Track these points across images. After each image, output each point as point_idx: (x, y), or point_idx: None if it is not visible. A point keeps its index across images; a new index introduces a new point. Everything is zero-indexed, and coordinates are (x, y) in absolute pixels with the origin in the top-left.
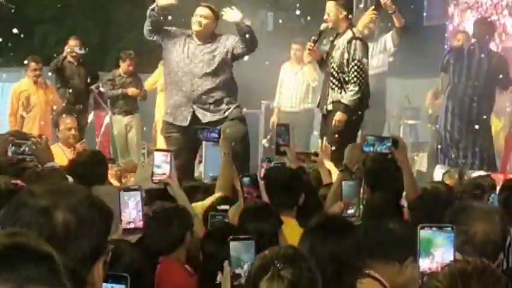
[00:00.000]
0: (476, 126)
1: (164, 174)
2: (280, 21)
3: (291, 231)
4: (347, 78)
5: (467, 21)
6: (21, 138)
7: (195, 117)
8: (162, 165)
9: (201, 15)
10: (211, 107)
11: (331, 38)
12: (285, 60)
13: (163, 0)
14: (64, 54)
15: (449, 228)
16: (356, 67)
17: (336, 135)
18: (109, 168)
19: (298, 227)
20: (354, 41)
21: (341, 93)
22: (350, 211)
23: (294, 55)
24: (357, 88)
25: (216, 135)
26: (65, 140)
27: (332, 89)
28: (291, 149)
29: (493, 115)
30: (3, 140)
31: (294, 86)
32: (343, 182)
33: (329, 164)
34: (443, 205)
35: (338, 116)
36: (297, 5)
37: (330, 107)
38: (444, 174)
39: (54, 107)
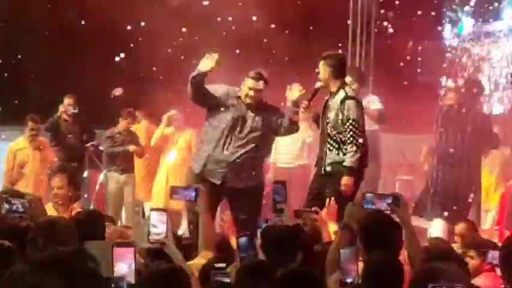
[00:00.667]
0: (460, 182)
1: (160, 233)
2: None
3: None
4: (343, 138)
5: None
6: (16, 196)
7: (225, 178)
8: (158, 225)
9: (250, 88)
10: (243, 174)
11: (326, 97)
12: None
13: (204, 66)
14: (59, 113)
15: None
16: (351, 126)
17: (342, 198)
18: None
19: None
20: (347, 101)
21: (338, 154)
22: (349, 279)
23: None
24: (355, 148)
25: (194, 194)
26: (52, 199)
27: (330, 150)
28: (288, 207)
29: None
30: None
31: (289, 143)
32: (340, 250)
33: (333, 225)
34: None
35: (345, 180)
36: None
37: (329, 168)
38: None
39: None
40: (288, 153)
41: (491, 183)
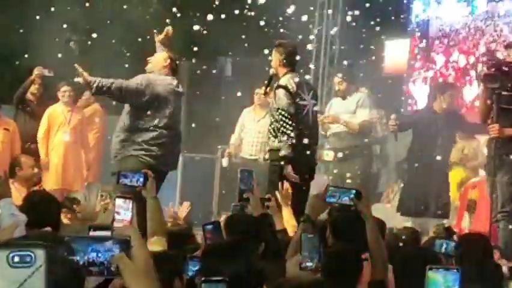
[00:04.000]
0: (434, 178)
1: (124, 220)
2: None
3: None
4: (278, 126)
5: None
6: None
7: None
8: (123, 212)
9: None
10: None
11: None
12: (243, 105)
13: None
14: (32, 77)
15: (455, 270)
16: (281, 116)
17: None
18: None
19: None
20: (277, 90)
21: (274, 141)
22: (309, 264)
23: (258, 101)
24: (285, 137)
25: (142, 179)
26: (29, 178)
27: (269, 137)
28: (255, 195)
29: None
30: None
31: (255, 133)
32: (303, 235)
33: (286, 212)
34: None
35: (286, 169)
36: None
37: (267, 156)
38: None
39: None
40: (253, 144)
41: (462, 176)
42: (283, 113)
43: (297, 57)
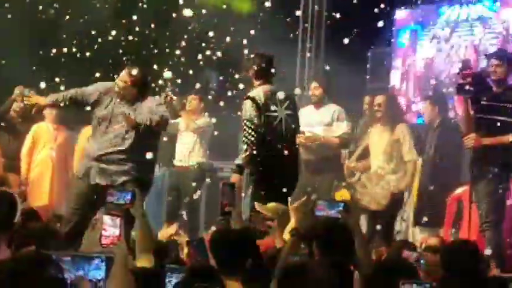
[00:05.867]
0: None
1: (112, 237)
2: None
3: None
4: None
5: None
6: None
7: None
8: (109, 229)
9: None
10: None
11: None
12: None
13: None
14: (13, 97)
15: (428, 285)
16: (244, 126)
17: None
18: None
19: None
20: (245, 101)
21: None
22: None
23: (189, 107)
24: (245, 146)
25: (130, 198)
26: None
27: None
28: (237, 209)
29: None
30: None
31: (186, 139)
32: (289, 258)
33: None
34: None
35: (232, 177)
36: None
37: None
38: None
39: None
40: (183, 152)
41: None
42: (248, 123)
43: (272, 69)
